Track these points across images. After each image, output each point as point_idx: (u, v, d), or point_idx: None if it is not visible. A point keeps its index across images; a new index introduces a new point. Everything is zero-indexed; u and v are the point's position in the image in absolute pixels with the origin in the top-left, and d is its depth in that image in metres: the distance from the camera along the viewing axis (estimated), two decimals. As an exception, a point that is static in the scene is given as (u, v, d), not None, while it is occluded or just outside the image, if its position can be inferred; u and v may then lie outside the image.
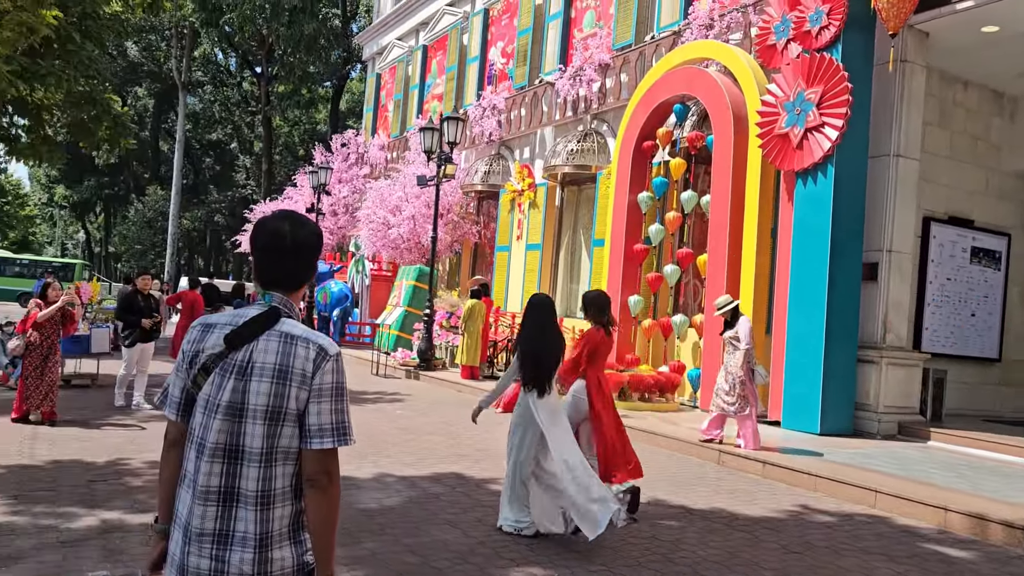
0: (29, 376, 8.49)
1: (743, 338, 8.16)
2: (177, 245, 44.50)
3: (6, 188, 59.43)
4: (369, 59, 27.43)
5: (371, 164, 24.75)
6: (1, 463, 6.61)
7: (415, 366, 14.59)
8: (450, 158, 14.69)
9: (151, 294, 10.55)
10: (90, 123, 20.08)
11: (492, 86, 18.99)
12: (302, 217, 2.29)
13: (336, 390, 2.14)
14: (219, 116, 57.27)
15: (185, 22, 36.83)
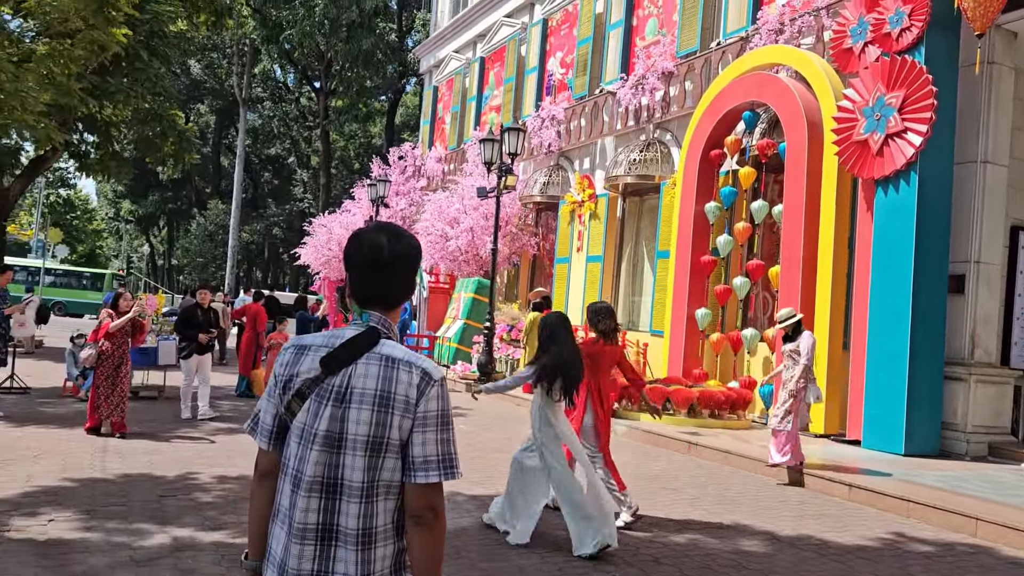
0: (101, 385, 8.53)
1: (804, 353, 7.80)
2: (237, 258, 45.33)
3: (75, 203, 61.35)
4: (426, 72, 27.55)
5: (428, 176, 24.77)
6: (74, 476, 6.61)
7: (475, 379, 14.41)
8: (510, 169, 14.54)
9: (211, 307, 10.64)
10: (156, 139, 20.49)
11: (551, 96, 18.83)
12: (399, 229, 2.10)
13: (442, 418, 1.94)
14: (277, 131, 58.34)
15: (246, 40, 37.61)
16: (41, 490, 6.14)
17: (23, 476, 6.52)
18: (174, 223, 65.96)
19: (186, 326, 9.99)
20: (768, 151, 11.62)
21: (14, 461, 7.02)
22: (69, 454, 7.44)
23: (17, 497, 5.90)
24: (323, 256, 24.80)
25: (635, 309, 16.06)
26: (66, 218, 56.27)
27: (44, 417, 9.47)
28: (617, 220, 16.22)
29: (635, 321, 15.91)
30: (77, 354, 11.32)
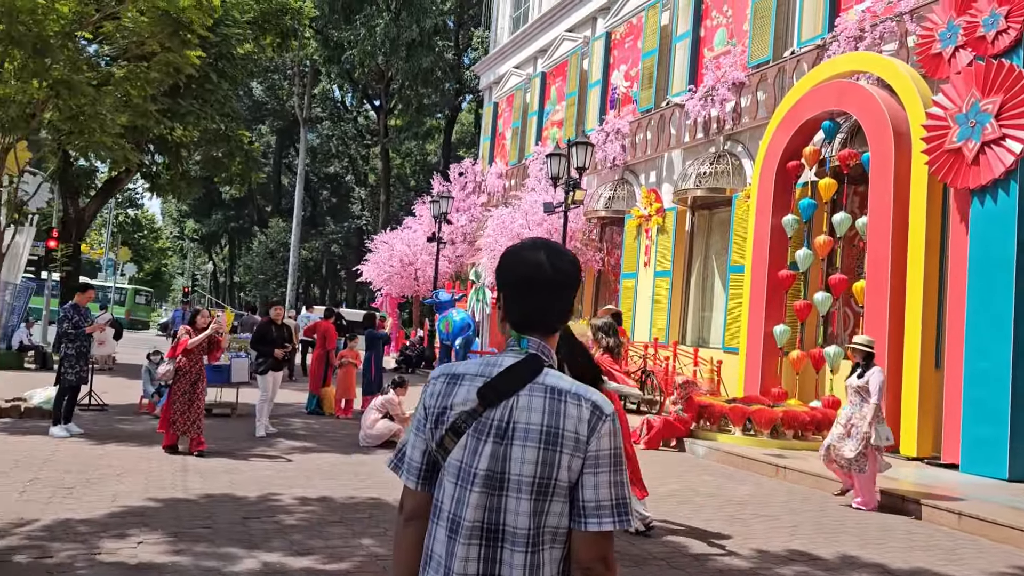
0: (177, 402, 8.54)
1: (874, 392, 7.32)
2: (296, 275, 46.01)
3: (142, 223, 63.12)
4: (485, 89, 27.58)
5: (489, 192, 24.72)
6: (158, 496, 6.57)
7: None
8: (578, 184, 14.34)
9: (284, 323, 10.67)
10: (224, 159, 20.87)
11: (615, 110, 18.61)
12: (558, 246, 1.91)
13: (615, 458, 1.74)
14: (336, 150, 59.26)
15: (307, 61, 38.28)
16: (127, 510, 6.10)
17: (109, 496, 6.50)
18: (236, 241, 67.40)
19: (262, 343, 10.02)
20: (850, 161, 11.20)
21: (99, 480, 7.03)
22: (151, 473, 7.44)
23: (104, 518, 5.87)
24: (385, 272, 24.92)
25: (705, 325, 15.67)
26: (134, 237, 57.87)
27: (123, 434, 9.54)
28: (686, 234, 15.88)
29: (705, 337, 15.52)
30: (154, 371, 11.45)
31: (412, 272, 24.54)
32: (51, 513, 5.90)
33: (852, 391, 7.54)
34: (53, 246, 19.46)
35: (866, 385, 7.40)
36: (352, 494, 7.00)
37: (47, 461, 7.69)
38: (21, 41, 10.05)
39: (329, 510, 6.43)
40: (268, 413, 10.15)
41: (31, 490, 6.54)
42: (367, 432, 9.51)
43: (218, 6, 13.67)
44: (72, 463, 7.67)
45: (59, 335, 9.85)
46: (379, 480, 7.62)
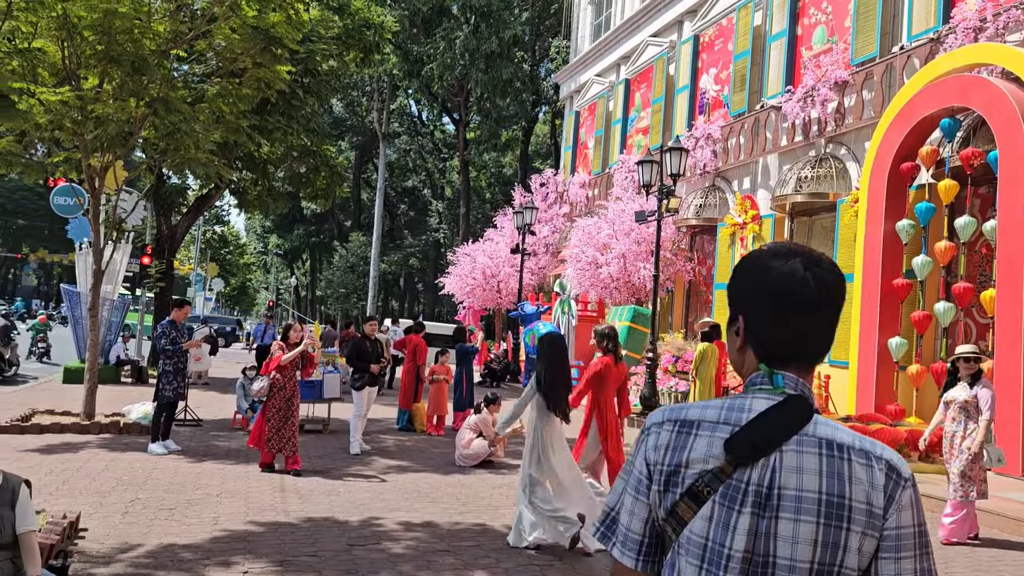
0: (272, 419, 8.39)
1: (986, 407, 6.62)
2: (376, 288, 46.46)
3: (228, 239, 64.96)
4: (566, 98, 27.22)
5: (571, 203, 24.32)
6: (259, 519, 6.36)
7: (637, 413, 13.65)
8: (671, 191, 13.80)
9: (377, 338, 10.48)
10: (310, 174, 21.04)
11: (704, 115, 17.98)
12: (813, 251, 1.48)
13: (920, 537, 1.30)
14: (413, 164, 59.88)
15: (386, 77, 38.70)
16: (230, 535, 5.90)
17: (210, 518, 6.33)
18: (317, 256, 68.71)
19: (358, 358, 9.83)
20: (973, 161, 10.38)
21: (199, 501, 6.88)
22: (249, 494, 7.26)
23: (208, 543, 5.67)
24: (467, 285, 24.74)
25: (807, 338, 14.86)
26: (220, 253, 59.56)
27: (219, 451, 9.46)
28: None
29: (807, 351, 14.71)
30: (248, 386, 11.40)
31: (495, 284, 24.29)
32: (154, 537, 5.74)
33: (956, 407, 6.85)
34: (147, 262, 19.92)
35: (974, 400, 6.70)
36: (456, 519, 6.66)
37: (147, 480, 7.60)
38: (119, 60, 10.15)
39: (435, 537, 6.10)
40: (362, 430, 9.95)
41: (133, 511, 6.42)
42: (462, 452, 9.19)
43: (307, 21, 13.70)
44: (171, 482, 7.57)
45: (157, 351, 9.85)
46: (481, 504, 7.27)
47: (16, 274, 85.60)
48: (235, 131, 12.56)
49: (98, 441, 9.72)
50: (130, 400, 12.38)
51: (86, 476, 7.63)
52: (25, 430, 10.02)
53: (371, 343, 10.05)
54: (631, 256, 17.73)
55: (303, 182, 21.45)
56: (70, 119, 10.25)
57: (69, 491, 6.98)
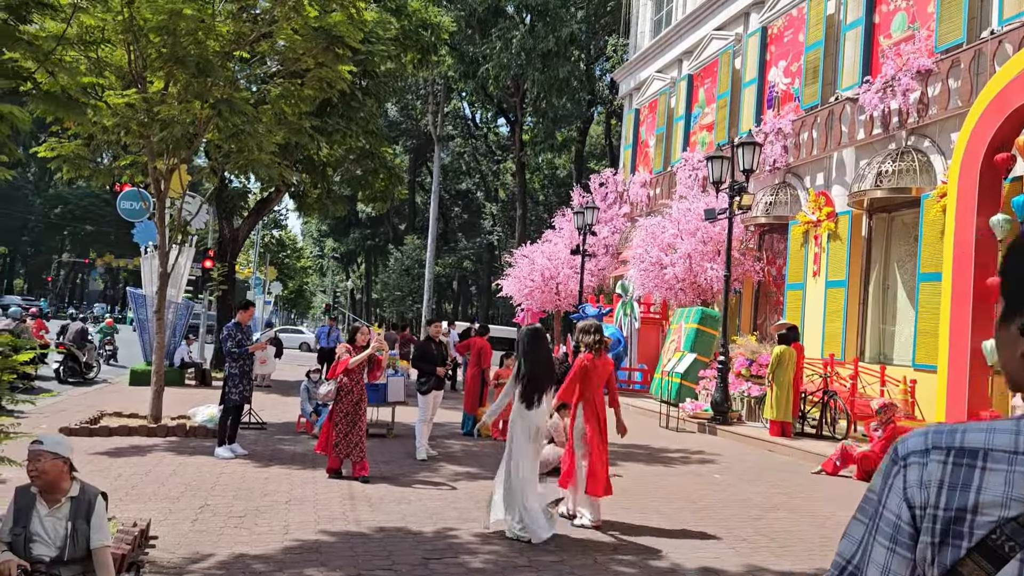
0: (340, 423, 8.17)
1: None
2: (432, 291, 46.52)
3: (286, 242, 65.85)
4: (625, 96, 26.75)
5: (632, 202, 23.85)
6: (329, 528, 6.12)
7: (708, 419, 13.16)
8: (743, 187, 13.27)
9: (441, 340, 10.22)
10: (368, 176, 20.98)
11: (774, 109, 17.37)
12: None
13: None
14: (467, 167, 59.91)
15: (441, 79, 38.66)
16: (301, 545, 5.66)
17: (280, 527, 6.11)
18: (372, 259, 69.27)
19: (423, 360, 9.59)
20: (1078, 150, 9.67)
21: (268, 508, 6.67)
22: (318, 501, 7.03)
23: (279, 553, 5.44)
24: (525, 287, 24.43)
25: (887, 340, 14.19)
26: (278, 257, 60.36)
27: (284, 456, 9.30)
28: (862, 240, 14.48)
29: (887, 354, 14.04)
30: (312, 389, 11.26)
31: (553, 286, 23.93)
32: (225, 546, 5.53)
33: None
34: (209, 266, 20.08)
35: None
36: (534, 531, 6.32)
37: (215, 485, 7.44)
38: (184, 61, 10.09)
39: (514, 551, 5.77)
40: (427, 435, 9.69)
41: (202, 518, 6.24)
42: (534, 458, 8.84)
43: (368, 20, 13.56)
44: (239, 488, 7.39)
45: (223, 354, 9.75)
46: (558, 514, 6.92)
47: (84, 279, 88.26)
48: (297, 132, 12.45)
49: (165, 444, 9.65)
50: (195, 403, 12.35)
51: (154, 481, 7.50)
52: (94, 432, 10.01)
53: (436, 346, 9.79)
54: (697, 256, 17.21)
55: (362, 184, 21.42)
56: (136, 122, 10.22)
57: (138, 496, 6.85)
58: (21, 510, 4.05)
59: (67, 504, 4.12)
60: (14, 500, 4.09)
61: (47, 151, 10.89)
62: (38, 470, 4.08)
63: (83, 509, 4.13)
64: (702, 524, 6.80)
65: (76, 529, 4.08)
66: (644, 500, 7.65)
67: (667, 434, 12.79)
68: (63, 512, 4.10)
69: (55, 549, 4.04)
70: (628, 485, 8.35)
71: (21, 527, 4.00)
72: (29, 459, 4.08)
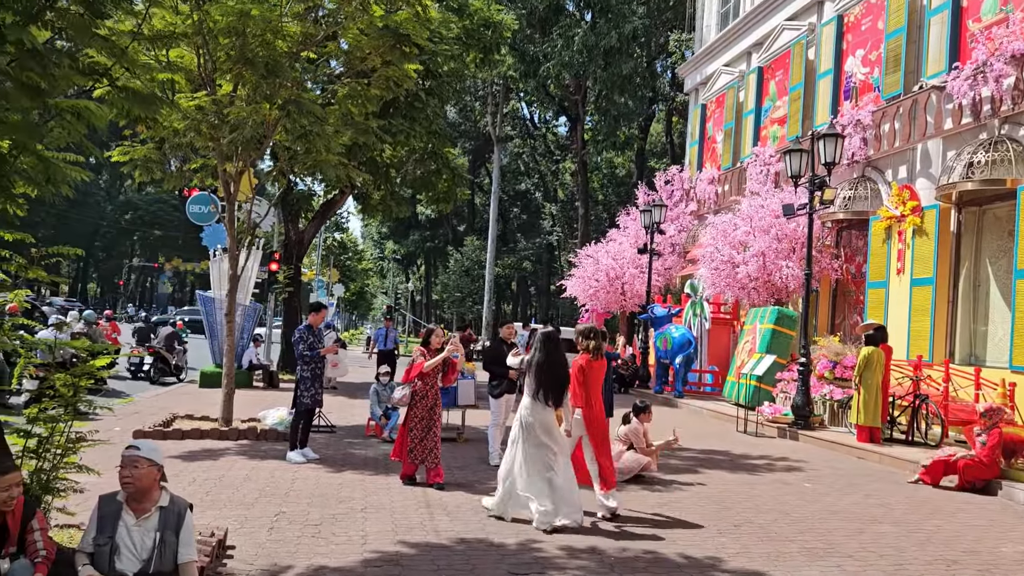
0: (414, 428, 7.95)
1: None
2: (492, 292, 46.40)
3: (348, 245, 66.60)
4: (691, 91, 26.14)
5: (699, 200, 23.26)
6: (408, 539, 5.88)
7: (789, 424, 12.61)
8: (824, 181, 12.67)
9: (514, 343, 9.92)
10: (431, 177, 20.88)
11: (851, 100, 16.66)
12: None
13: None
14: (526, 167, 59.73)
15: (500, 80, 38.49)
16: (381, 557, 5.44)
17: (358, 537, 5.90)
18: (432, 260, 69.61)
19: (495, 363, 9.31)
20: None
21: (344, 516, 6.47)
22: (395, 509, 6.81)
23: (360, 566, 5.22)
24: (590, 287, 24.04)
25: (979, 340, 13.42)
26: (340, 259, 61.06)
27: (356, 460, 9.13)
28: (951, 235, 13.73)
29: (979, 355, 13.28)
30: (382, 392, 11.11)
31: (619, 286, 23.48)
32: (303, 557, 5.33)
33: None
34: (275, 268, 20.21)
35: None
36: (622, 544, 5.98)
37: (289, 491, 7.29)
38: (253, 62, 10.02)
39: (604, 566, 5.44)
40: (500, 439, 9.41)
41: (278, 527, 6.07)
42: (612, 465, 8.49)
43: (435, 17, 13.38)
44: (314, 494, 7.23)
45: (295, 357, 9.65)
46: (645, 526, 6.56)
47: (152, 282, 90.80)
48: (364, 132, 12.31)
49: (236, 448, 9.58)
50: (265, 405, 12.33)
51: (228, 486, 7.39)
52: (167, 436, 10.01)
53: (508, 347, 9.51)
54: (771, 254, 16.61)
55: (425, 185, 21.33)
56: (206, 124, 10.20)
57: (213, 502, 6.72)
58: (106, 518, 3.89)
59: (156, 514, 3.96)
60: (98, 508, 3.94)
61: (120, 156, 10.96)
62: (133, 476, 3.92)
63: (172, 520, 3.96)
64: (802, 538, 6.37)
65: (164, 541, 3.90)
66: (735, 511, 7.24)
67: (746, 439, 12.28)
68: (151, 523, 3.93)
69: (140, 562, 3.86)
70: (715, 494, 7.94)
71: (107, 537, 3.84)
72: (123, 464, 3.92)
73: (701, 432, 12.74)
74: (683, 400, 17.02)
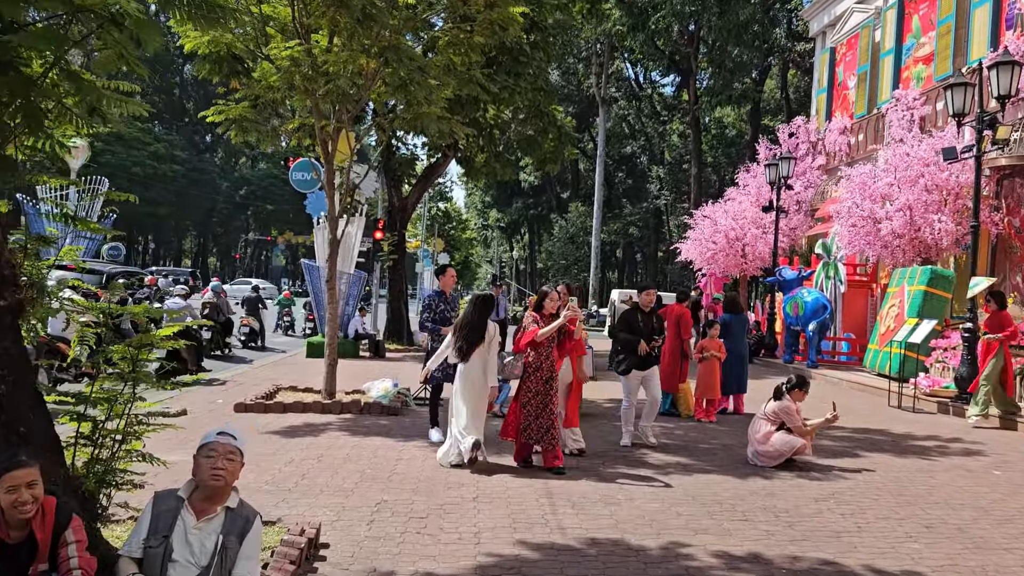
0: (528, 404, 7.02)
1: None
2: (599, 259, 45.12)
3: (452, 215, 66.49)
4: (817, 34, 24.00)
5: (828, 153, 21.33)
6: (529, 539, 4.96)
7: (952, 398, 11.05)
8: (996, 119, 10.91)
9: (653, 312, 8.50)
10: (538, 136, 19.81)
11: (1015, 30, 14.55)
12: None
13: None
14: (631, 130, 57.76)
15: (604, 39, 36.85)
16: (499, 561, 4.54)
17: (470, 533, 5.02)
18: (535, 228, 68.66)
19: (628, 331, 8.19)
20: None
21: (454, 507, 5.61)
22: (511, 499, 5.91)
23: (472, 573, 4.34)
24: (707, 250, 22.50)
25: None
26: (444, 229, 60.97)
27: (465, 438, 8.27)
28: None
29: None
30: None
31: (739, 248, 21.87)
32: (407, 560, 4.49)
33: None
34: (380, 236, 19.70)
35: None
36: (791, 550, 4.87)
37: (392, 475, 6.51)
38: (348, 5, 9.20)
39: (776, 583, 4.36)
40: (632, 420, 8.30)
41: (379, 519, 5.27)
42: (758, 448, 7.33)
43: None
44: (419, 478, 6.42)
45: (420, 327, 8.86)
46: (812, 527, 5.41)
47: (267, 255, 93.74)
48: (467, 83, 11.38)
49: (339, 422, 8.93)
50: (370, 376, 11.70)
51: (327, 468, 6.67)
52: (268, 408, 9.47)
53: (645, 317, 8.34)
54: (920, 208, 14.79)
55: (530, 145, 20.28)
56: (300, 75, 9.48)
57: (308, 488, 5.99)
58: (161, 516, 3.10)
59: (222, 515, 3.14)
60: (152, 504, 3.15)
61: (215, 115, 10.42)
62: (227, 470, 3.14)
63: (239, 525, 3.14)
64: (1019, 546, 5.10)
65: (226, 547, 3.09)
66: (920, 507, 5.99)
67: (902, 415, 10.81)
68: (215, 525, 3.12)
69: (197, 568, 3.06)
70: (887, 484, 6.69)
71: (161, 537, 3.05)
72: (215, 453, 3.13)
73: (847, 407, 11.25)
74: (817, 371, 15.49)
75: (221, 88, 10.95)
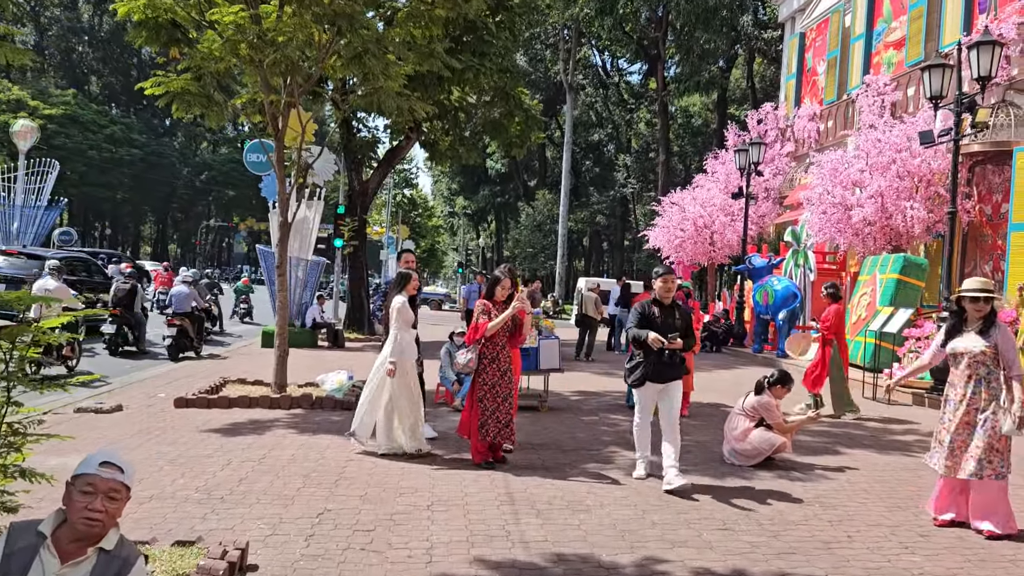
0: (484, 398, 6.49)
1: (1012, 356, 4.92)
2: (566, 247, 44.65)
3: (417, 201, 65.63)
4: (786, 20, 23.69)
5: (796, 140, 21.03)
6: (488, 555, 4.42)
7: (927, 389, 10.75)
8: (975, 101, 10.57)
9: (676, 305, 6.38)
10: (503, 119, 19.21)
11: (987, 13, 14.28)
12: None
13: None
14: (598, 118, 57.31)
15: (571, 24, 36.24)
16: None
17: (421, 550, 4.47)
18: (502, 216, 68.00)
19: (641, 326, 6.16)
20: None
21: (405, 517, 5.05)
22: (469, 505, 5.37)
23: (422, 599, 3.78)
24: (676, 238, 22.13)
25: None
26: (410, 216, 60.14)
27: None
28: None
29: None
30: (454, 354, 9.67)
31: (707, 236, 21.53)
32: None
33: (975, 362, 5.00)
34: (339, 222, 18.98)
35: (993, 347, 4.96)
36: (779, 567, 4.38)
37: (339, 479, 5.93)
38: (297, -33, 8.53)
39: (763, 605, 3.87)
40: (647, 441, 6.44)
41: (319, 533, 4.69)
42: (735, 446, 6.88)
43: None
44: (369, 482, 5.85)
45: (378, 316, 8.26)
46: (800, 536, 4.95)
47: (229, 242, 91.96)
48: (428, 57, 10.76)
49: (287, 419, 8.31)
50: (326, 368, 11.09)
51: (268, 471, 6.06)
52: (212, 404, 8.81)
53: (663, 310, 6.20)
54: (891, 194, 14.50)
55: (496, 129, 19.67)
56: (246, 43, 8.79)
57: (244, 495, 5.39)
58: (15, 557, 2.46)
59: (92, 558, 2.51)
60: (5, 541, 2.51)
61: (153, 88, 9.66)
62: (107, 512, 2.52)
63: (114, 569, 2.53)
64: (1022, 556, 4.67)
65: None
66: (913, 512, 5.57)
67: (877, 407, 10.49)
68: (83, 570, 2.50)
69: (53, 626, 2.44)
70: (873, 484, 6.26)
71: None
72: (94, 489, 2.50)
73: (820, 399, 10.96)
74: (788, 360, 15.16)
75: (161, 58, 10.19)
